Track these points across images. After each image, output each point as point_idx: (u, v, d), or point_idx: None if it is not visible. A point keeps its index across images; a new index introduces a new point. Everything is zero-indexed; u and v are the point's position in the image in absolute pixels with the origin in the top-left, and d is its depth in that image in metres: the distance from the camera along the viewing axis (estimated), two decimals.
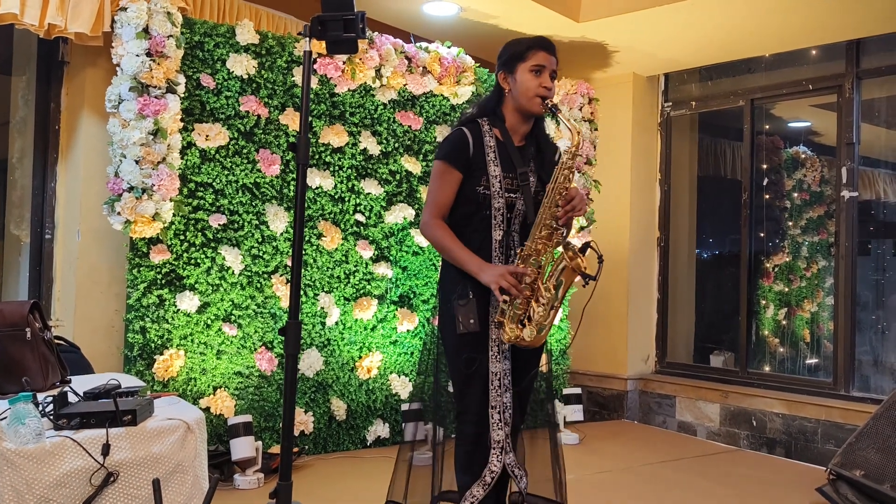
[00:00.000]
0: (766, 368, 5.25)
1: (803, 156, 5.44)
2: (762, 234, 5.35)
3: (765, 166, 5.36)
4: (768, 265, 5.36)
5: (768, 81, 5.14)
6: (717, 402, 4.94)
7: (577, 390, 4.74)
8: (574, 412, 4.59)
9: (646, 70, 5.41)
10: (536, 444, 2.57)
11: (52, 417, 2.21)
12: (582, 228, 4.73)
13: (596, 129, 4.88)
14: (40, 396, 2.32)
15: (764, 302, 5.36)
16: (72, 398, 2.37)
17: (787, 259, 5.34)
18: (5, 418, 2.11)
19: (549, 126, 4.78)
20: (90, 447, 2.13)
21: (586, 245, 2.32)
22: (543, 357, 2.53)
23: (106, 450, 2.14)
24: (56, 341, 2.86)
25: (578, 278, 2.27)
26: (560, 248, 2.30)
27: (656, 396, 5.28)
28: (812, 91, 4.90)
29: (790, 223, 5.36)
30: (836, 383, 4.62)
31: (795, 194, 5.36)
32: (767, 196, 5.39)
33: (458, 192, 2.35)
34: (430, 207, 2.37)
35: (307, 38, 1.95)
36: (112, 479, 2.13)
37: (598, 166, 4.90)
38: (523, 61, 2.35)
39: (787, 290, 5.34)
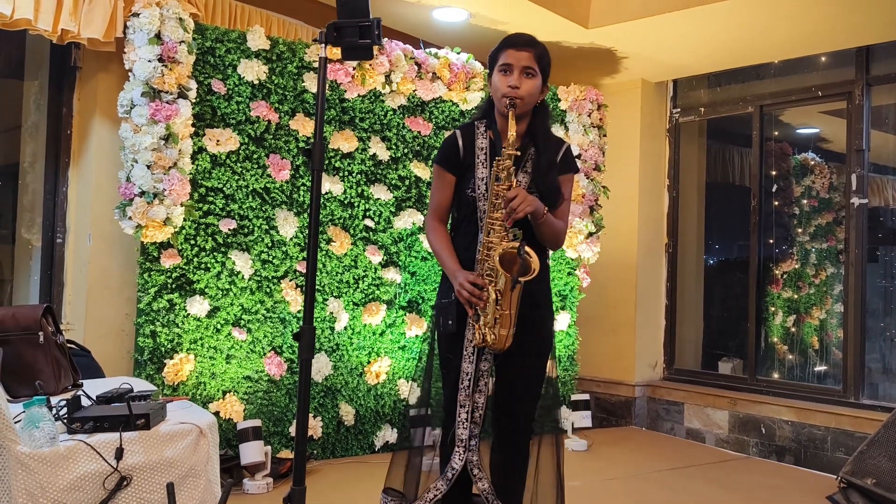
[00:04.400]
0: (775, 375, 5.23)
1: (812, 162, 5.43)
2: (771, 241, 5.34)
3: (773, 173, 5.35)
4: (777, 272, 5.35)
5: (777, 88, 5.13)
6: (726, 409, 4.93)
7: (586, 396, 4.73)
8: (582, 418, 4.58)
9: (654, 76, 5.41)
10: (542, 451, 2.57)
11: (65, 421, 2.22)
12: (591, 234, 4.73)
13: (604, 135, 4.88)
14: (53, 400, 2.33)
15: (773, 309, 5.35)
16: (85, 402, 2.37)
17: (796, 266, 5.32)
18: (20, 422, 2.12)
19: (557, 129, 4.79)
20: (103, 451, 2.13)
21: (521, 245, 2.24)
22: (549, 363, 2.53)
23: (119, 453, 2.14)
24: (68, 345, 2.88)
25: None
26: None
27: (664, 403, 5.26)
28: (821, 98, 4.90)
29: (799, 230, 5.35)
30: (845, 391, 4.60)
31: (804, 201, 5.35)
32: (776, 203, 5.38)
33: (456, 195, 2.42)
34: (429, 210, 2.48)
35: (323, 45, 1.96)
36: (125, 482, 2.13)
37: (607, 172, 4.90)
38: (497, 62, 2.36)
39: (795, 296, 5.32)
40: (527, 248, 2.22)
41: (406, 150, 4.34)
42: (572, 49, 4.84)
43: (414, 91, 4.32)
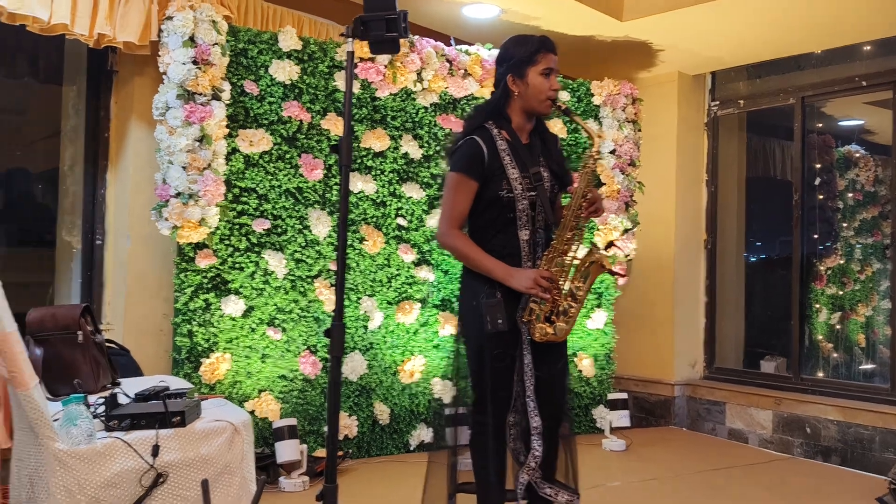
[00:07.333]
0: (820, 374, 5.09)
1: (857, 155, 5.28)
2: (814, 236, 5.20)
3: (816, 166, 5.21)
4: (821, 268, 5.21)
5: (819, 78, 4.99)
6: (770, 408, 4.80)
7: (624, 395, 4.66)
8: (620, 418, 4.51)
9: (691, 69, 5.31)
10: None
11: (103, 419, 2.24)
12: (626, 231, 4.65)
13: (639, 130, 4.80)
14: (91, 398, 2.36)
15: (817, 306, 5.20)
16: (122, 400, 2.40)
17: (841, 262, 5.18)
18: (58, 419, 2.15)
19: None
20: (140, 448, 2.15)
21: (609, 244, 2.53)
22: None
23: (155, 451, 2.16)
24: (107, 344, 2.92)
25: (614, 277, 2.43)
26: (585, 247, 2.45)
27: (705, 403, 5.15)
28: (866, 88, 4.74)
29: (843, 224, 5.20)
30: (893, 389, 4.45)
31: (849, 195, 5.20)
32: (819, 197, 5.24)
33: (479, 199, 2.42)
34: (446, 219, 2.45)
35: (349, 39, 1.94)
36: (161, 479, 2.15)
37: (642, 167, 4.82)
38: (533, 65, 2.43)
39: (840, 293, 5.17)
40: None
41: (438, 148, 4.32)
42: (606, 43, 4.77)
43: (445, 88, 4.30)
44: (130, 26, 3.46)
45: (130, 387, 2.63)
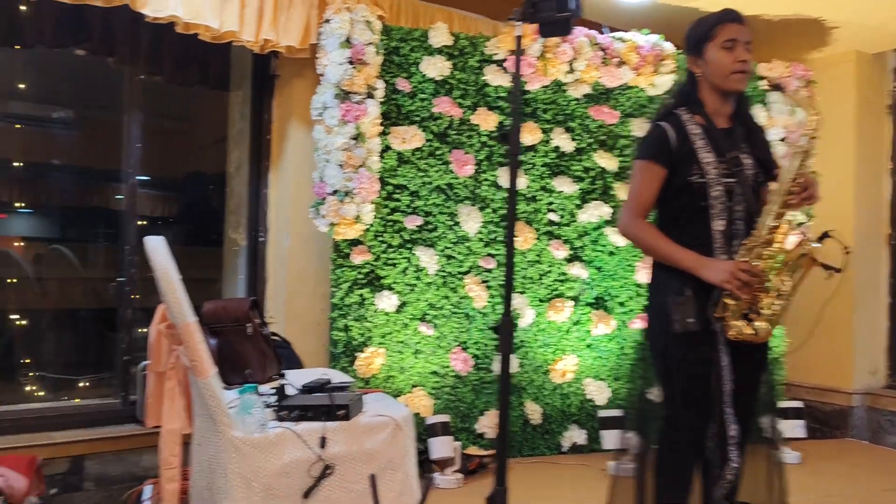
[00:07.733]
0: None
1: None
2: None
3: None
4: None
5: None
6: None
7: (798, 404, 4.28)
8: (795, 428, 4.14)
9: (871, 46, 4.80)
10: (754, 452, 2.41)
11: (274, 409, 2.30)
12: (800, 224, 4.28)
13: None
14: (261, 388, 2.43)
15: None
16: (290, 391, 2.46)
17: None
18: (233, 407, 2.23)
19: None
20: (309, 439, 2.19)
21: (824, 234, 2.23)
22: None
23: (323, 442, 2.19)
24: (272, 337, 3.02)
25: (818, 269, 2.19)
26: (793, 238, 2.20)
27: (888, 414, 4.65)
28: None
29: None
30: None
31: None
32: None
33: (669, 186, 2.25)
34: (631, 207, 2.30)
35: (518, 23, 1.86)
36: (329, 471, 2.17)
37: (816, 155, 4.39)
38: (711, 40, 2.25)
39: None
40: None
41: (591, 141, 4.17)
42: (773, 22, 4.40)
43: (598, 79, 4.14)
44: (292, 31, 3.58)
45: (294, 378, 2.70)
